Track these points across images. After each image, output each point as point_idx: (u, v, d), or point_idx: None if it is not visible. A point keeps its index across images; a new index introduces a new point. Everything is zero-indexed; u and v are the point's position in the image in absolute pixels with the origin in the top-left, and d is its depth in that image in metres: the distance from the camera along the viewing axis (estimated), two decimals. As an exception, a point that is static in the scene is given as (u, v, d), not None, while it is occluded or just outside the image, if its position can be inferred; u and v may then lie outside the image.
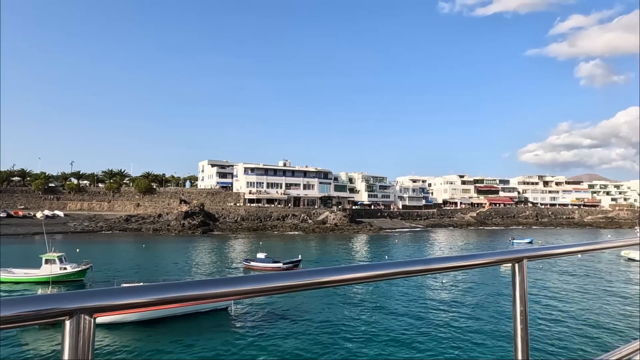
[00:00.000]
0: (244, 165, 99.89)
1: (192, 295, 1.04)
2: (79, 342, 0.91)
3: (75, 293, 0.92)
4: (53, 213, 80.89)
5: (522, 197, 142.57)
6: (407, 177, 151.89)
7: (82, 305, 0.91)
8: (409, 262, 1.49)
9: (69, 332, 0.91)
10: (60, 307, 0.89)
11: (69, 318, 0.90)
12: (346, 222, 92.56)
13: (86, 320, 0.92)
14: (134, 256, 43.02)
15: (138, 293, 1.00)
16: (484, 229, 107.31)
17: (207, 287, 1.06)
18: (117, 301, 0.96)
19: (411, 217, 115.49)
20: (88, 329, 0.92)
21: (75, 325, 0.91)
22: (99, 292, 0.96)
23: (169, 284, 1.04)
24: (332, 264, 42.22)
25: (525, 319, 1.75)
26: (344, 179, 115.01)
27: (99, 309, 0.94)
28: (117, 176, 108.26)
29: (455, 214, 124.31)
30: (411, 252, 55.22)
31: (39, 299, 0.89)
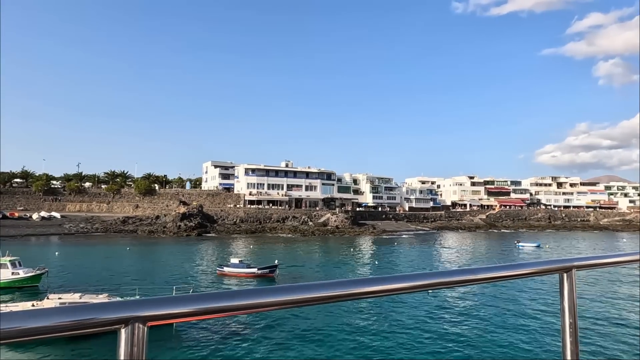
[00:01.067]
0: (245, 166, 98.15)
1: (243, 305, 1.04)
2: (134, 350, 0.93)
3: (130, 302, 0.95)
4: (49, 214, 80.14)
5: (534, 199, 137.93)
6: (416, 178, 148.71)
7: (137, 314, 0.93)
8: (453, 272, 1.45)
9: (124, 341, 0.93)
10: (117, 315, 0.92)
11: (124, 326, 0.93)
12: (348, 225, 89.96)
13: (140, 328, 0.94)
14: (110, 260, 41.27)
15: (191, 302, 1.01)
16: (493, 232, 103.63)
17: (258, 296, 1.06)
18: (171, 310, 0.98)
19: (417, 219, 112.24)
20: (142, 337, 0.94)
21: (130, 334, 0.93)
22: (153, 301, 0.98)
23: (221, 292, 1.05)
24: (326, 269, 39.86)
25: (575, 333, 1.66)
26: (348, 180, 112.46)
27: (153, 317, 0.96)
28: (119, 177, 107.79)
29: (464, 216, 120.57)
30: (413, 257, 52.46)
31: (98, 307, 0.92)
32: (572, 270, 1.70)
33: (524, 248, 65.36)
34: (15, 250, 34.60)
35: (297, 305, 1.14)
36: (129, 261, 40.60)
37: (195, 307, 1.00)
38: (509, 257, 54.57)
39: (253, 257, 47.40)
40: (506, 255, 56.23)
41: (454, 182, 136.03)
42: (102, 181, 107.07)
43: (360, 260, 47.54)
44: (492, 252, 59.63)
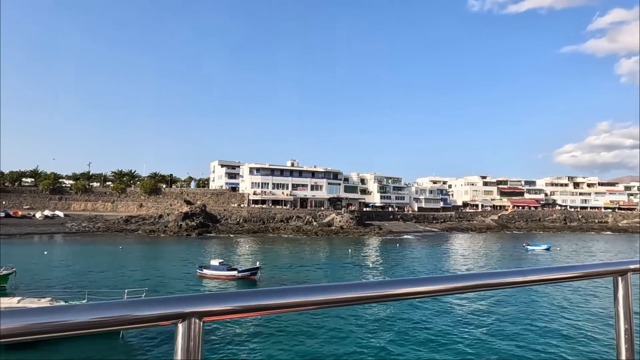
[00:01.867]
0: (249, 166, 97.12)
1: (297, 302, 1.04)
2: (190, 345, 0.95)
3: (188, 297, 0.97)
4: (53, 213, 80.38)
5: (549, 200, 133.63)
6: (428, 178, 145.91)
7: (194, 309, 0.96)
8: (502, 274, 1.39)
9: (182, 335, 0.95)
10: (176, 310, 0.94)
11: (182, 321, 0.95)
12: (353, 225, 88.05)
13: (196, 323, 0.96)
14: (95, 260, 40.38)
15: (248, 298, 1.02)
16: (504, 233, 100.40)
17: (313, 293, 1.06)
18: (226, 306, 0.99)
19: (427, 219, 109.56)
20: (198, 332, 0.97)
21: (187, 329, 0.95)
22: (209, 297, 1.00)
23: (275, 289, 1.05)
24: (318, 272, 38.23)
25: (631, 339, 1.59)
26: (355, 179, 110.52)
27: (209, 313, 0.98)
28: (126, 177, 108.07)
29: (475, 217, 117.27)
30: (415, 259, 50.41)
31: (158, 302, 0.94)
32: (627, 274, 1.60)
33: (533, 250, 62.55)
34: (4, 249, 34.02)
35: (352, 304, 1.13)
36: (113, 261, 39.61)
37: (251, 303, 1.01)
38: (517, 261, 52.03)
39: (248, 257, 46.09)
40: (514, 259, 53.67)
41: (466, 182, 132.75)
42: (108, 180, 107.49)
43: (358, 262, 45.72)
44: (498, 255, 57.07)
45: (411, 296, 1.24)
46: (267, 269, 36.77)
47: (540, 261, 51.80)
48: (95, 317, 0.88)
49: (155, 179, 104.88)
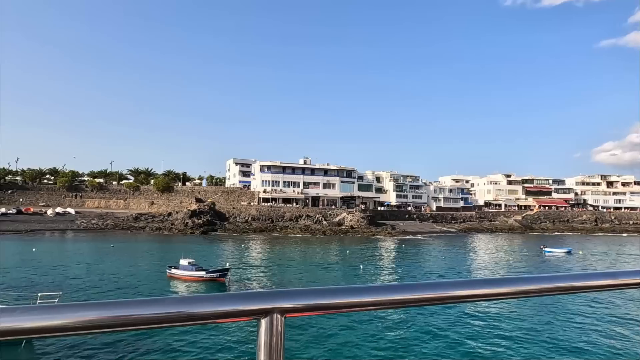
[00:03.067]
0: (260, 163, 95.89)
1: (377, 301, 1.03)
2: (273, 340, 0.96)
3: (272, 292, 0.99)
4: (64, 210, 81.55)
5: (580, 200, 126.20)
6: (450, 176, 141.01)
7: (277, 305, 0.97)
8: (540, 279, 1.32)
9: (264, 330, 0.96)
10: (260, 306, 0.96)
11: (264, 317, 0.97)
12: (364, 224, 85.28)
13: (278, 319, 0.97)
14: (77, 257, 39.62)
15: (328, 295, 1.01)
16: (528, 235, 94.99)
17: (402, 292, 1.05)
18: (308, 302, 0.99)
19: (445, 219, 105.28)
20: (280, 328, 0.97)
21: (269, 324, 0.96)
22: (291, 293, 1.01)
23: (361, 287, 1.04)
24: (301, 275, 36.06)
25: None
26: (370, 177, 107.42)
27: (290, 309, 0.98)
28: (143, 174, 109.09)
29: (497, 217, 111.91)
30: (415, 259, 47.42)
31: (243, 297, 0.97)
32: None
33: (551, 254, 58.07)
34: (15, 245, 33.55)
35: (430, 304, 1.12)
36: (90, 259, 38.69)
37: (332, 301, 1.00)
38: (529, 267, 48.09)
39: (241, 257, 44.41)
40: (527, 264, 49.71)
41: (489, 180, 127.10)
42: (125, 178, 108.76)
43: (352, 264, 43.18)
44: (510, 259, 53.09)
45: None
46: (251, 269, 34.89)
47: (553, 267, 47.65)
48: (182, 310, 0.92)
49: (169, 176, 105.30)
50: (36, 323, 0.82)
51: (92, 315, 0.86)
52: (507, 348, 17.86)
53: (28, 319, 0.82)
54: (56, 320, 0.84)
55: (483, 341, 18.52)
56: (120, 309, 0.90)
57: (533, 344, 18.34)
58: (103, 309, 0.88)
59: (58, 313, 0.85)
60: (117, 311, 0.89)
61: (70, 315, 0.85)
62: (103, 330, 0.89)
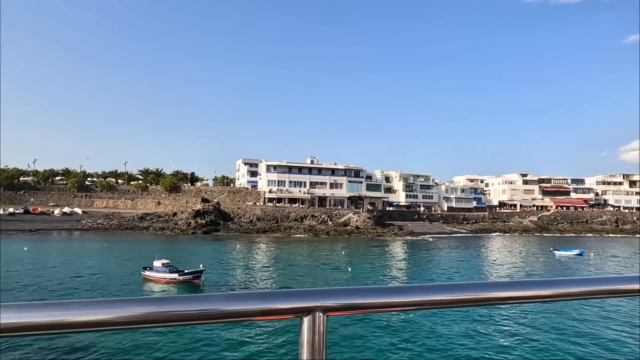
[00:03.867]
0: (266, 163, 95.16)
1: (420, 301, 1.03)
2: (315, 338, 0.97)
3: (314, 291, 0.99)
4: (71, 210, 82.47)
5: (600, 200, 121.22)
6: (464, 176, 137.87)
7: (319, 304, 0.97)
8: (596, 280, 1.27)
9: (307, 329, 0.97)
10: (302, 304, 0.96)
11: (307, 315, 0.97)
12: (370, 225, 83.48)
13: (321, 318, 0.97)
14: (60, 257, 39.37)
15: (371, 294, 1.01)
16: (543, 236, 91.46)
17: (442, 292, 1.05)
18: (351, 301, 0.99)
19: (456, 220, 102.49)
20: (323, 327, 0.97)
21: (312, 323, 0.97)
22: (334, 292, 1.01)
23: (403, 286, 1.04)
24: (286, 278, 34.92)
25: None
26: (379, 177, 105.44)
27: (333, 308, 0.98)
28: (152, 175, 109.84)
29: (512, 218, 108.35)
30: (411, 261, 45.69)
31: (286, 295, 0.98)
32: None
33: (561, 256, 55.33)
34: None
35: (479, 305, 1.12)
36: (76, 259, 38.36)
37: (375, 300, 1.00)
38: (533, 271, 45.74)
39: (233, 259, 43.54)
40: (532, 267, 47.34)
41: (504, 180, 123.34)
42: (134, 179, 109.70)
43: (340, 266, 41.76)
44: (515, 262, 50.71)
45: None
46: (236, 270, 33.90)
47: (551, 271, 45.14)
48: (232, 307, 0.94)
49: (177, 177, 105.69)
50: (97, 317, 0.86)
51: (141, 310, 0.89)
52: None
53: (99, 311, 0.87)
54: (111, 314, 0.86)
55: (481, 343, 18.29)
56: (170, 304, 0.92)
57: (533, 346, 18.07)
58: (151, 305, 0.90)
59: (114, 307, 0.88)
60: (165, 307, 0.91)
61: (122, 311, 0.88)
62: (149, 326, 0.90)
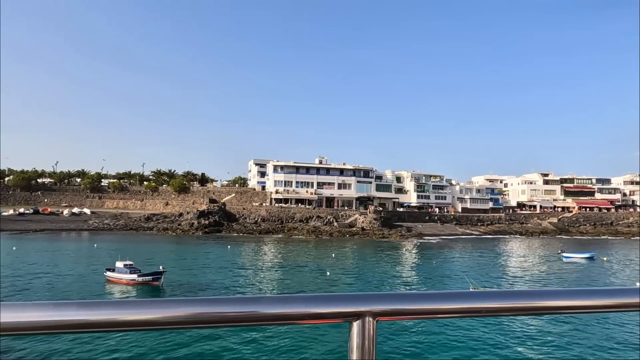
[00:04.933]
0: (273, 163, 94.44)
1: (474, 308, 1.00)
2: (365, 344, 0.96)
3: (364, 295, 0.98)
4: (80, 211, 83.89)
5: (628, 200, 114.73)
6: (483, 176, 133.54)
7: (369, 309, 0.96)
8: None
9: (357, 333, 0.96)
10: (352, 309, 0.96)
11: (356, 319, 0.96)
12: (377, 226, 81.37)
13: (370, 322, 0.97)
14: (42, 257, 39.42)
15: (425, 300, 0.99)
16: (561, 238, 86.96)
17: (498, 299, 1.02)
18: (402, 307, 0.98)
19: (470, 221, 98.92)
20: (372, 332, 0.97)
21: (361, 327, 0.96)
22: (384, 297, 1.00)
23: (455, 292, 1.02)
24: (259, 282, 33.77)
25: None
26: (390, 177, 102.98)
27: (383, 313, 0.98)
28: (164, 176, 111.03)
29: (530, 219, 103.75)
30: (409, 265, 43.70)
31: (336, 299, 0.97)
32: None
33: (570, 260, 51.95)
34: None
35: (534, 313, 1.09)
36: (56, 259, 38.32)
37: (427, 306, 0.98)
38: (536, 277, 42.93)
39: (212, 260, 42.73)
40: (535, 273, 44.49)
41: (523, 180, 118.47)
42: (146, 179, 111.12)
43: (321, 268, 40.22)
44: (519, 266, 47.85)
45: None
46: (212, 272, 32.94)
47: (559, 278, 42.14)
48: (281, 310, 0.94)
49: (187, 177, 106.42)
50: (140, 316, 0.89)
51: (189, 311, 0.91)
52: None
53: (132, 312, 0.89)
54: (160, 314, 0.89)
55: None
56: (218, 306, 0.93)
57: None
58: (199, 306, 0.91)
59: (164, 307, 0.90)
60: (214, 308, 0.92)
61: (171, 311, 0.90)
62: (197, 326, 0.91)
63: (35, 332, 0.89)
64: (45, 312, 0.87)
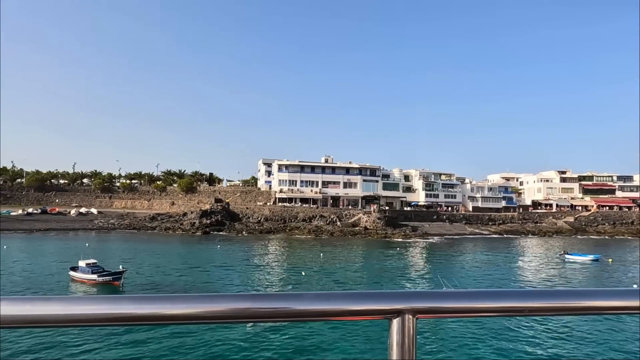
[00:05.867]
0: (278, 162, 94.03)
1: (517, 307, 0.99)
2: (405, 341, 0.96)
3: (404, 293, 0.98)
4: (87, 210, 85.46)
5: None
6: (499, 174, 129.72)
7: (409, 306, 0.96)
8: None
9: (396, 331, 0.96)
10: (392, 306, 0.96)
11: (396, 317, 0.96)
12: (380, 226, 79.82)
13: (410, 320, 0.96)
14: (26, 255, 39.93)
15: (462, 298, 0.98)
16: (575, 238, 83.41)
17: (540, 298, 1.00)
18: (441, 305, 0.97)
19: (480, 221, 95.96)
20: (412, 329, 0.96)
21: (401, 325, 0.96)
22: (424, 294, 0.99)
23: (497, 291, 1.00)
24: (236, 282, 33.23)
25: None
26: (397, 176, 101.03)
27: (423, 310, 0.97)
28: (174, 176, 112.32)
29: (545, 219, 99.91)
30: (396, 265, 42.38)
31: (375, 296, 0.97)
32: None
33: (573, 261, 49.40)
34: None
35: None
36: (35, 258, 38.72)
37: (467, 305, 0.97)
38: (533, 278, 40.92)
39: (199, 259, 42.48)
40: (530, 275, 42.44)
41: (539, 178, 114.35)
42: (157, 179, 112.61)
43: (296, 268, 39.31)
44: (512, 266, 45.76)
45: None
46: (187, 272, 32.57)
47: (549, 281, 39.98)
48: (322, 306, 0.95)
49: (194, 177, 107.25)
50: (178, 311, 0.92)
51: (233, 305, 0.93)
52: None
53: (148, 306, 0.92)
54: (204, 308, 0.91)
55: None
56: (261, 301, 0.94)
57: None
58: (242, 301, 0.94)
59: (209, 302, 0.92)
60: (257, 304, 0.94)
61: (215, 306, 0.92)
62: (239, 321, 0.93)
63: (100, 324, 0.94)
64: (105, 305, 0.93)
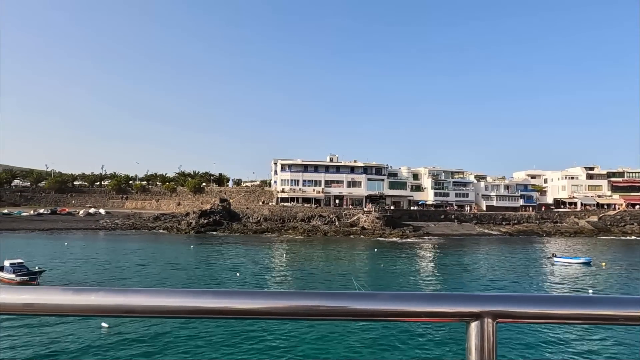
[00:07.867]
0: (281, 162, 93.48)
1: (589, 315, 0.95)
2: (484, 345, 0.93)
3: (483, 296, 0.95)
4: (96, 211, 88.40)
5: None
6: (524, 172, 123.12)
7: (488, 309, 0.93)
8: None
9: (475, 334, 0.93)
10: (470, 309, 0.93)
11: (474, 320, 0.93)
12: (379, 226, 77.35)
13: (489, 323, 0.93)
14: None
15: (549, 304, 0.95)
16: (596, 239, 77.17)
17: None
18: (523, 309, 0.94)
19: (493, 220, 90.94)
20: (492, 333, 0.93)
21: (480, 328, 0.93)
22: (504, 298, 0.96)
23: (583, 297, 0.97)
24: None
25: None
26: (406, 174, 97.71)
27: (503, 314, 0.94)
28: (187, 176, 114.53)
29: (566, 218, 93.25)
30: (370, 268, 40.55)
31: (452, 297, 0.95)
32: None
33: (563, 264, 45.30)
34: None
35: None
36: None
37: (551, 310, 0.93)
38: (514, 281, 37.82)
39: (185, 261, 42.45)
40: (510, 278, 39.24)
41: (564, 175, 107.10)
42: (170, 180, 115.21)
43: (255, 271, 38.19)
44: (493, 270, 42.48)
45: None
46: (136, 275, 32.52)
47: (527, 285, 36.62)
48: (398, 307, 0.93)
49: (204, 178, 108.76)
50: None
51: (301, 302, 0.93)
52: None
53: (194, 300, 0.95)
54: (261, 305, 0.93)
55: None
56: (338, 300, 0.93)
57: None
58: (319, 299, 0.93)
59: (256, 298, 0.94)
60: (333, 302, 0.93)
61: (284, 302, 0.92)
62: (319, 318, 0.92)
63: (173, 316, 1.00)
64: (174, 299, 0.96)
